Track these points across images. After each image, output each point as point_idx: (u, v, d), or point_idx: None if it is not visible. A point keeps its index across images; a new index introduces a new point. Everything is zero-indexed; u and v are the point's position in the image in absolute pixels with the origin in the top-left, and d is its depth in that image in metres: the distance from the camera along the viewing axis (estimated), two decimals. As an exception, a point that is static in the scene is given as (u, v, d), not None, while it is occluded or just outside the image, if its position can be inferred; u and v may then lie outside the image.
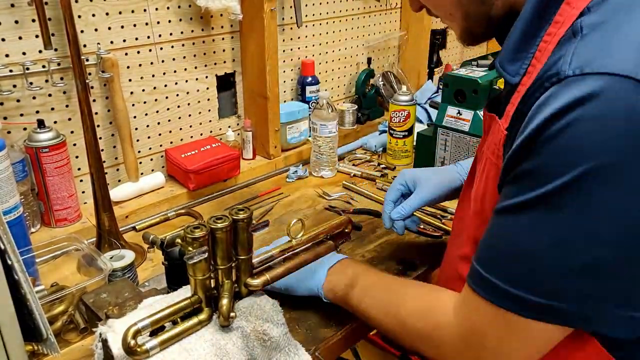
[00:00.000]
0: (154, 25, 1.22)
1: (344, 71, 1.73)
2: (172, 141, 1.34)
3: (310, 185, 1.37)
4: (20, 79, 1.05)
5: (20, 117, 1.07)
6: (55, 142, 1.05)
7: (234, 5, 1.25)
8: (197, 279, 0.66)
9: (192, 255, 0.64)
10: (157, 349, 0.62)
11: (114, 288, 0.81)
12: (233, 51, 1.39)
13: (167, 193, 1.26)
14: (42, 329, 0.53)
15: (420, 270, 1.01)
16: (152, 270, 1.01)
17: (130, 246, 1.03)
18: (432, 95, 1.80)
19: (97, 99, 1.17)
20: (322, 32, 1.61)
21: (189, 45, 1.30)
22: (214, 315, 0.68)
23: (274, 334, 0.68)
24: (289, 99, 1.58)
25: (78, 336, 0.83)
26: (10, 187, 0.89)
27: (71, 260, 0.94)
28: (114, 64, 1.14)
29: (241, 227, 0.68)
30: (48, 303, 0.81)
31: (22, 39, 1.04)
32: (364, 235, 1.13)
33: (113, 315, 0.69)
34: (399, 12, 1.83)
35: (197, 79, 1.34)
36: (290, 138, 1.49)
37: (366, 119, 1.71)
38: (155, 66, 1.25)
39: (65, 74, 1.10)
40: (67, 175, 1.09)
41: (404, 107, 1.43)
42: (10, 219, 0.89)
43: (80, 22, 1.10)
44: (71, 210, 1.11)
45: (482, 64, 1.42)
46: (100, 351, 0.66)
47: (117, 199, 1.19)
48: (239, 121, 1.47)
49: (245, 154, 1.44)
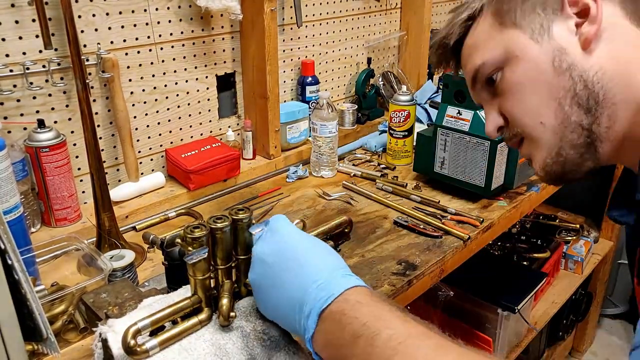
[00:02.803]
0: (154, 25, 1.22)
1: (344, 71, 1.73)
2: (172, 141, 1.34)
3: (310, 185, 1.37)
4: (20, 79, 1.05)
5: (20, 117, 1.07)
6: (55, 142, 1.05)
7: (234, 5, 1.25)
8: (197, 279, 0.66)
9: (192, 255, 0.64)
10: (157, 349, 0.62)
11: (114, 288, 0.81)
12: (233, 51, 1.39)
13: (167, 193, 1.26)
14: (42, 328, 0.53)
15: (420, 270, 1.01)
16: (152, 270, 1.01)
17: (130, 246, 1.03)
18: (432, 95, 1.80)
19: (97, 99, 1.17)
20: (322, 32, 1.61)
21: (189, 45, 1.30)
22: (213, 315, 0.68)
23: (274, 333, 0.68)
24: (289, 99, 1.58)
25: (78, 336, 0.83)
26: (11, 186, 0.89)
27: (71, 260, 0.94)
28: (114, 64, 1.14)
29: (241, 227, 0.68)
30: (48, 303, 0.81)
31: (22, 39, 1.04)
32: (364, 235, 1.13)
33: (113, 315, 0.69)
34: (399, 12, 1.83)
35: (197, 79, 1.34)
36: (290, 138, 1.49)
37: (366, 119, 1.71)
38: (155, 66, 1.25)
39: (65, 74, 1.10)
40: (67, 175, 1.09)
41: (404, 107, 1.43)
42: (11, 218, 0.89)
43: (80, 22, 1.10)
44: (71, 210, 1.11)
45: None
46: (100, 351, 0.66)
47: (117, 199, 1.19)
48: (239, 121, 1.47)
49: (245, 154, 1.44)
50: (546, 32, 0.63)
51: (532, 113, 0.64)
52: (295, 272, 0.60)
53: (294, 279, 0.59)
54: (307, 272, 0.59)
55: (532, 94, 0.64)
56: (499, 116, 0.70)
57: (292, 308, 0.59)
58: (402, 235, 1.14)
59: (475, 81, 0.72)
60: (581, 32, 0.62)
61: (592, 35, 0.61)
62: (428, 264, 1.03)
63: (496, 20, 0.68)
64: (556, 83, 0.62)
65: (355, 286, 0.57)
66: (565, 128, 0.63)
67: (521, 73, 0.65)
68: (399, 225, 1.17)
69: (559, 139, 0.64)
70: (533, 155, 0.68)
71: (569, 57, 0.62)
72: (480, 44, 0.70)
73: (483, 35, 0.70)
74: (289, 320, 0.60)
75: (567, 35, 0.63)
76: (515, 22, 0.66)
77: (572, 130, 0.62)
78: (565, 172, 0.65)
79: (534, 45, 0.64)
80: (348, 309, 0.54)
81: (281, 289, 0.60)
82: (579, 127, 0.62)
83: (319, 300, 0.56)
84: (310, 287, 0.57)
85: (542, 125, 0.64)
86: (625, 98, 0.60)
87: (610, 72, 0.60)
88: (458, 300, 1.52)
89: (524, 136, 0.68)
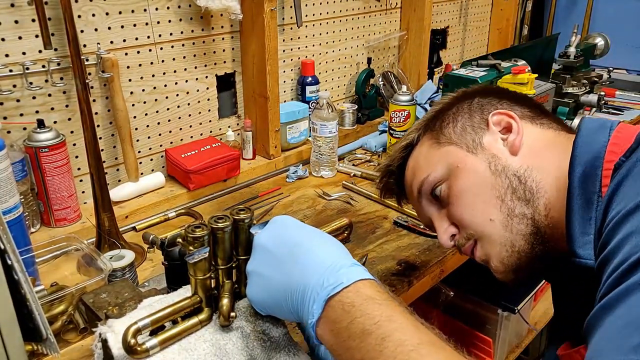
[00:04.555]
0: (154, 25, 1.22)
1: (344, 71, 1.73)
2: (172, 141, 1.34)
3: (310, 185, 1.37)
4: (20, 79, 1.05)
5: (20, 117, 1.07)
6: (55, 142, 1.05)
7: (234, 5, 1.25)
8: (197, 278, 0.65)
9: (193, 254, 0.63)
10: (157, 348, 0.62)
11: (114, 288, 0.81)
12: (233, 51, 1.39)
13: (167, 193, 1.26)
14: (41, 329, 0.53)
15: (420, 270, 1.01)
16: (152, 270, 1.01)
17: (130, 246, 1.03)
18: (432, 95, 1.80)
19: (97, 99, 1.17)
20: (322, 32, 1.61)
21: (189, 45, 1.30)
22: (214, 315, 0.68)
23: (274, 334, 0.67)
24: (289, 99, 1.58)
25: (78, 336, 0.83)
26: (10, 186, 0.89)
27: (71, 260, 0.94)
28: (114, 64, 1.14)
29: (242, 228, 0.67)
30: (48, 303, 0.81)
31: (22, 39, 1.04)
32: (364, 235, 1.13)
33: (113, 315, 0.69)
34: (399, 12, 1.83)
35: (197, 79, 1.34)
36: (290, 138, 1.49)
37: (366, 119, 1.71)
38: (155, 66, 1.25)
39: (65, 73, 1.10)
40: (67, 175, 1.09)
41: (404, 107, 1.43)
42: (10, 218, 0.89)
43: (80, 22, 1.10)
44: (71, 210, 1.11)
45: (482, 64, 1.42)
46: (100, 351, 0.65)
47: (117, 199, 1.19)
48: (239, 121, 1.47)
49: (245, 154, 1.44)
50: (479, 145, 0.75)
51: (481, 212, 0.72)
52: (299, 258, 0.60)
53: (298, 264, 0.59)
54: (312, 258, 0.59)
55: (477, 196, 0.72)
56: (450, 225, 0.77)
57: (293, 292, 0.59)
58: (402, 235, 1.14)
59: (421, 195, 0.79)
60: (507, 142, 0.74)
61: (519, 143, 0.73)
62: (428, 264, 1.03)
63: (433, 142, 0.79)
64: (496, 183, 0.71)
65: (366, 279, 0.57)
66: (512, 220, 0.70)
67: (465, 180, 0.73)
68: (399, 225, 1.17)
69: (510, 231, 0.71)
70: (489, 255, 0.73)
71: (501, 161, 0.73)
72: (422, 162, 0.80)
73: (423, 155, 0.80)
74: (287, 305, 0.60)
75: (496, 145, 0.74)
76: (451, 140, 0.77)
77: (519, 222, 0.70)
78: (521, 264, 0.71)
79: (471, 156, 0.74)
80: (359, 302, 0.54)
81: (283, 275, 0.60)
82: (525, 218, 0.70)
83: (327, 287, 0.56)
84: (317, 273, 0.57)
85: (492, 222, 0.71)
86: (558, 186, 0.68)
87: (535, 166, 0.71)
88: (458, 301, 1.51)
89: (477, 237, 0.74)
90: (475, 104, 0.79)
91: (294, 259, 0.60)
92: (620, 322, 0.45)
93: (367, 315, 0.53)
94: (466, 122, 0.77)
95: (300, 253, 0.60)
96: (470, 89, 0.84)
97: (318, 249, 0.60)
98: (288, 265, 0.60)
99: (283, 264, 0.61)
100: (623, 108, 1.94)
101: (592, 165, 0.64)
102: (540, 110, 0.79)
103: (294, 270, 0.59)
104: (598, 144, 0.65)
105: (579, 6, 2.47)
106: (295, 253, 0.60)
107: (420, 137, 0.83)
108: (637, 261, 0.47)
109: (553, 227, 0.69)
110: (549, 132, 0.75)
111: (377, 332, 0.52)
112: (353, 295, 0.55)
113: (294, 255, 0.60)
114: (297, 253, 0.60)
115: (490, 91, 0.83)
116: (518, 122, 0.74)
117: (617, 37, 1.98)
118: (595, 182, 0.64)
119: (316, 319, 0.56)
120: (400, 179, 0.87)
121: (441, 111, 0.82)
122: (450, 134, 0.77)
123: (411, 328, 0.52)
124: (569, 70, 1.65)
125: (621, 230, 0.52)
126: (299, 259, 0.60)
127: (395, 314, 0.53)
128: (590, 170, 0.64)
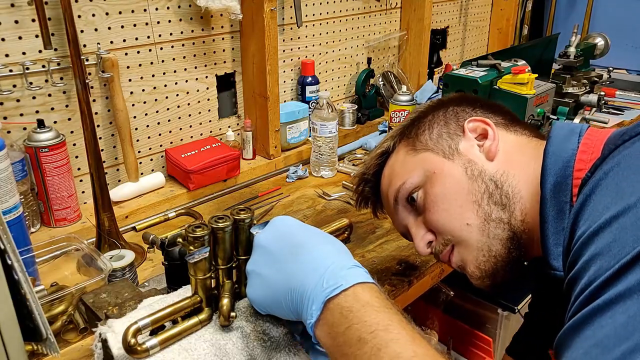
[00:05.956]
0: (154, 25, 1.22)
1: (344, 71, 1.73)
2: (172, 141, 1.34)
3: (310, 186, 1.37)
4: (20, 79, 1.05)
5: (20, 117, 1.07)
6: (55, 142, 1.05)
7: (234, 5, 1.25)
8: (197, 278, 0.66)
9: (194, 254, 0.63)
10: (157, 348, 0.62)
11: (114, 288, 0.81)
12: (233, 51, 1.39)
13: (167, 193, 1.26)
14: (41, 329, 0.53)
15: (421, 270, 1.01)
16: (152, 270, 1.01)
17: (130, 246, 1.02)
18: (432, 95, 1.80)
19: (97, 99, 1.17)
20: (322, 32, 1.61)
21: (189, 45, 1.30)
22: (214, 315, 0.68)
23: (274, 334, 0.67)
24: (289, 99, 1.58)
25: (78, 336, 0.83)
26: (10, 186, 0.89)
27: (71, 260, 0.94)
28: (114, 64, 1.14)
29: (242, 228, 0.67)
30: (48, 303, 0.81)
31: (22, 39, 1.04)
32: (364, 235, 1.13)
33: (113, 315, 0.69)
34: (399, 12, 1.83)
35: (197, 79, 1.34)
36: (290, 138, 1.49)
37: (366, 119, 1.71)
38: (155, 66, 1.25)
39: (65, 74, 1.10)
40: (67, 175, 1.09)
41: (404, 107, 1.43)
42: (10, 218, 0.89)
43: (80, 22, 1.10)
44: (71, 210, 1.11)
45: (482, 64, 1.42)
46: (100, 351, 0.65)
47: (117, 199, 1.19)
48: (239, 121, 1.47)
49: (245, 154, 1.44)
50: (455, 150, 0.75)
51: (458, 217, 0.72)
52: (299, 258, 0.60)
53: (298, 264, 0.60)
54: (312, 258, 0.59)
55: (454, 200, 0.72)
56: (427, 232, 0.76)
57: (293, 292, 0.59)
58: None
59: (397, 202, 0.79)
60: (484, 147, 0.74)
61: (495, 149, 0.73)
62: (428, 264, 1.03)
63: (410, 149, 0.79)
64: (472, 188, 0.71)
65: (364, 282, 0.57)
66: (489, 225, 0.70)
67: (441, 185, 0.73)
68: (399, 225, 1.17)
69: (486, 236, 0.70)
70: (465, 260, 0.73)
71: (478, 166, 0.73)
72: (398, 169, 0.80)
73: (400, 162, 0.80)
74: (287, 304, 0.60)
75: (472, 150, 0.75)
76: (427, 147, 0.77)
77: (495, 226, 0.70)
78: (498, 269, 0.71)
79: (448, 162, 0.74)
80: (357, 308, 0.55)
81: (283, 275, 0.60)
82: (501, 222, 0.70)
83: (326, 288, 0.56)
84: (317, 273, 0.58)
85: (468, 226, 0.71)
86: (532, 193, 0.69)
87: (511, 172, 0.71)
88: (458, 300, 1.51)
89: (454, 242, 0.73)
90: (451, 112, 0.80)
91: (294, 259, 0.60)
92: (587, 344, 0.46)
93: (363, 323, 0.53)
94: (442, 129, 0.78)
95: (300, 253, 0.60)
96: (446, 98, 0.85)
97: (318, 249, 0.61)
98: (288, 265, 0.61)
99: (283, 264, 0.61)
100: (623, 108, 1.94)
101: (562, 175, 0.65)
102: (513, 118, 0.80)
103: (294, 270, 0.60)
104: (567, 152, 0.65)
105: (579, 6, 2.47)
106: (296, 253, 0.61)
107: (396, 144, 0.83)
108: (602, 284, 0.48)
109: (529, 232, 0.70)
110: (522, 139, 0.76)
111: (373, 342, 0.52)
112: (352, 300, 0.55)
113: (294, 255, 0.61)
114: (297, 253, 0.61)
115: (464, 99, 0.83)
116: (494, 128, 0.75)
117: (617, 37, 1.98)
118: (567, 191, 0.64)
119: (315, 320, 0.56)
120: (376, 188, 0.87)
121: (417, 119, 0.82)
122: (426, 141, 0.78)
123: (407, 339, 0.52)
124: (569, 70, 1.65)
125: (587, 250, 0.52)
126: (299, 259, 0.60)
127: (392, 324, 0.53)
128: (562, 179, 0.65)
